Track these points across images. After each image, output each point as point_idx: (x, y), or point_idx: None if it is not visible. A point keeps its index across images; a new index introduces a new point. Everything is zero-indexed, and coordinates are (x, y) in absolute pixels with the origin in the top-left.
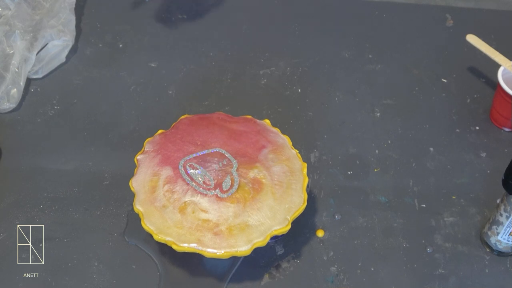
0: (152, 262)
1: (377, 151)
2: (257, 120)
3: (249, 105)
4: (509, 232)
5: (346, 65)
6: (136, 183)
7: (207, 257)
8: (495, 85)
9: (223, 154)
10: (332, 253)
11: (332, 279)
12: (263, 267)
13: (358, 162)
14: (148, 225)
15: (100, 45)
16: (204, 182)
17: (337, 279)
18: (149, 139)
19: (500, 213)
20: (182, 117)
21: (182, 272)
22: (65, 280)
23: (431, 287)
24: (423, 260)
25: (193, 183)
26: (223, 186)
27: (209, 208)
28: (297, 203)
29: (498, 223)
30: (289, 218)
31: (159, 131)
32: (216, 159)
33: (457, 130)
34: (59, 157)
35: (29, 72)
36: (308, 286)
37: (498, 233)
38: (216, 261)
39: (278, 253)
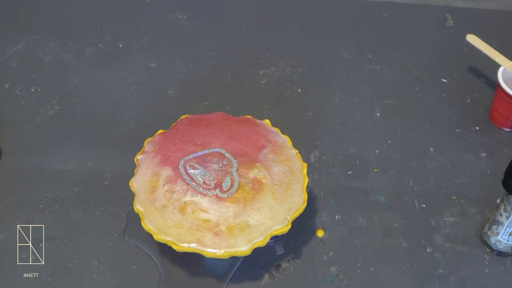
0: (152, 262)
1: (377, 151)
2: (257, 120)
3: (249, 105)
4: (509, 232)
5: (346, 65)
6: (136, 183)
7: (207, 257)
8: (495, 85)
9: (223, 154)
10: (332, 253)
11: (332, 279)
12: (263, 267)
13: (358, 162)
14: (148, 225)
15: (100, 45)
16: (204, 182)
17: (337, 279)
18: (149, 139)
19: (500, 213)
20: (182, 117)
21: (182, 272)
22: (65, 280)
23: (431, 287)
24: (423, 260)
25: (193, 183)
26: (223, 186)
27: (209, 208)
28: (297, 203)
29: (498, 223)
30: (289, 218)
31: (159, 131)
32: (216, 159)
33: (457, 130)
34: (59, 157)
35: None
36: (308, 286)
37: (498, 233)
38: (216, 261)
39: (278, 253)
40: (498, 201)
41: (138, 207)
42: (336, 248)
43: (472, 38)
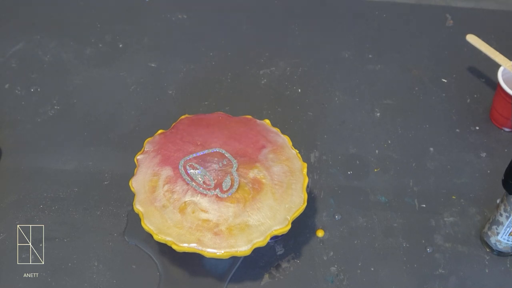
0: (152, 262)
1: (377, 151)
2: (257, 120)
3: (249, 105)
4: (509, 232)
5: (346, 65)
6: (136, 183)
7: (207, 257)
8: (495, 85)
9: (223, 154)
10: (332, 253)
11: (332, 279)
12: (263, 267)
13: (358, 162)
14: (148, 225)
15: (100, 45)
16: (204, 182)
17: (337, 279)
18: (149, 139)
19: (500, 213)
20: (182, 117)
21: (182, 272)
22: (65, 280)
23: (431, 287)
24: (423, 260)
25: (193, 183)
26: (223, 186)
27: (209, 208)
28: (297, 203)
29: (498, 223)
30: (289, 218)
31: (159, 131)
32: (216, 159)
33: (457, 130)
34: (59, 157)
35: None
36: (308, 286)
37: (498, 233)
38: (216, 261)
39: (278, 253)
40: (498, 201)
41: (138, 207)
42: (336, 248)
43: (472, 38)
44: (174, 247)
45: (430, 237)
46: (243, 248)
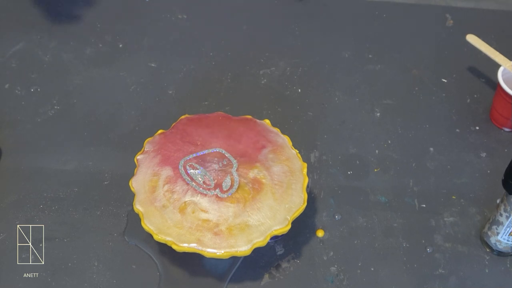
0: (152, 262)
1: (377, 151)
2: (257, 120)
3: (249, 105)
4: (509, 232)
5: (346, 65)
6: (136, 183)
7: (207, 257)
8: (495, 85)
9: (223, 154)
10: (332, 253)
11: (332, 279)
12: (263, 267)
13: (358, 162)
14: (148, 225)
15: (100, 45)
16: (204, 182)
17: (337, 279)
18: (149, 139)
19: (500, 213)
20: (182, 117)
21: (182, 272)
22: (65, 280)
23: (431, 287)
24: (423, 260)
25: (193, 183)
26: (223, 186)
27: (209, 208)
28: (297, 203)
29: (498, 223)
30: (289, 218)
31: (159, 131)
32: (216, 159)
33: (457, 130)
34: (59, 157)
35: None
36: (308, 286)
37: (498, 233)
38: (216, 261)
39: (278, 253)
40: (498, 201)
41: (138, 207)
42: (336, 248)
43: (472, 38)
44: (174, 247)
45: (430, 237)
46: (243, 248)
